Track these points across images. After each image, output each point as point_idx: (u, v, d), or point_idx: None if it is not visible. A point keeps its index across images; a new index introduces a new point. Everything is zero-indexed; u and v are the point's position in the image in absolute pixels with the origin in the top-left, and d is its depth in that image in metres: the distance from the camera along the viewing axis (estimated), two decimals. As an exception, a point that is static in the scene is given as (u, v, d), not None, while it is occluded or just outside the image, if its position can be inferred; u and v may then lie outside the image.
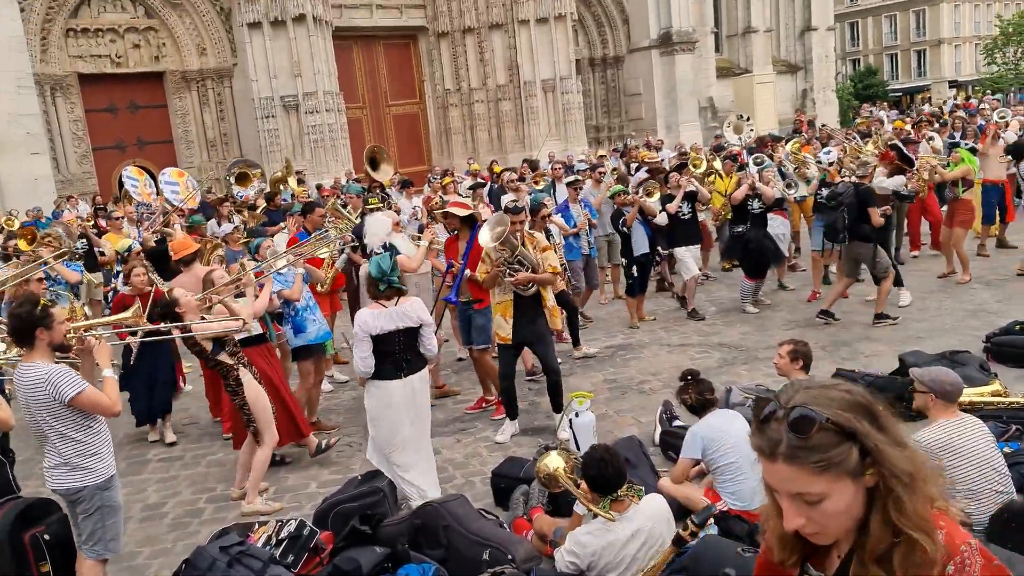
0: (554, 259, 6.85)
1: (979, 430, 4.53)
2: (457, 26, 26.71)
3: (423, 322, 5.44)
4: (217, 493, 6.28)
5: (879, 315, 9.04)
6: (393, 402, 5.41)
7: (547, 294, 6.77)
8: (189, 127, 23.83)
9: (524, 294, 6.59)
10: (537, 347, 6.88)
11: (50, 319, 4.11)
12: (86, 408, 4.09)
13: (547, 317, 6.77)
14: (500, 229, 6.42)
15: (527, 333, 6.69)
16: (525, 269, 6.52)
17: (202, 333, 5.64)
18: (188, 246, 7.68)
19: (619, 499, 4.21)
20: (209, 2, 22.85)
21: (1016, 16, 50.89)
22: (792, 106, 36.13)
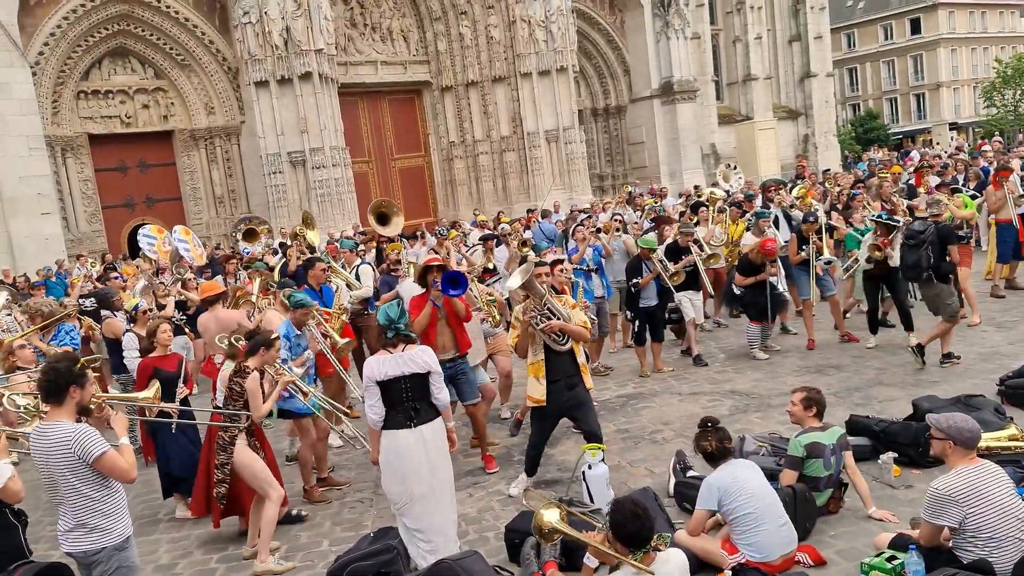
0: (583, 316, 6.65)
1: (999, 476, 4.48)
2: (460, 80, 27.16)
3: (431, 369, 5.28)
4: (230, 552, 6.22)
5: (946, 355, 8.88)
6: (403, 453, 5.24)
7: (579, 350, 6.56)
8: (197, 184, 24.13)
9: (557, 348, 6.34)
10: (576, 413, 6.59)
11: (85, 379, 4.14)
12: (106, 470, 4.09)
13: (584, 381, 6.56)
14: (525, 275, 6.33)
15: (566, 399, 6.42)
16: (556, 319, 6.35)
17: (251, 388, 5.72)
18: (214, 288, 8.25)
19: (648, 551, 4.17)
20: (217, 63, 23.30)
21: (1014, 59, 51.53)
22: (794, 151, 36.42)
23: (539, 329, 6.29)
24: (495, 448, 7.93)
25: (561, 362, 6.39)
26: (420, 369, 5.23)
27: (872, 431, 6.62)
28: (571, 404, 6.48)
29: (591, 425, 6.57)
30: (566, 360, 6.42)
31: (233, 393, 5.76)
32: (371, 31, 26.40)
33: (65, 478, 4.06)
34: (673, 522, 5.56)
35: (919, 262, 8.76)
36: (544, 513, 4.59)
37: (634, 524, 4.08)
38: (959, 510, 4.34)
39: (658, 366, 10.12)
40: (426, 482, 5.26)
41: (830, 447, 5.54)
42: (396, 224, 11.08)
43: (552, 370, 6.38)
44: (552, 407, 6.44)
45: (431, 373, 5.28)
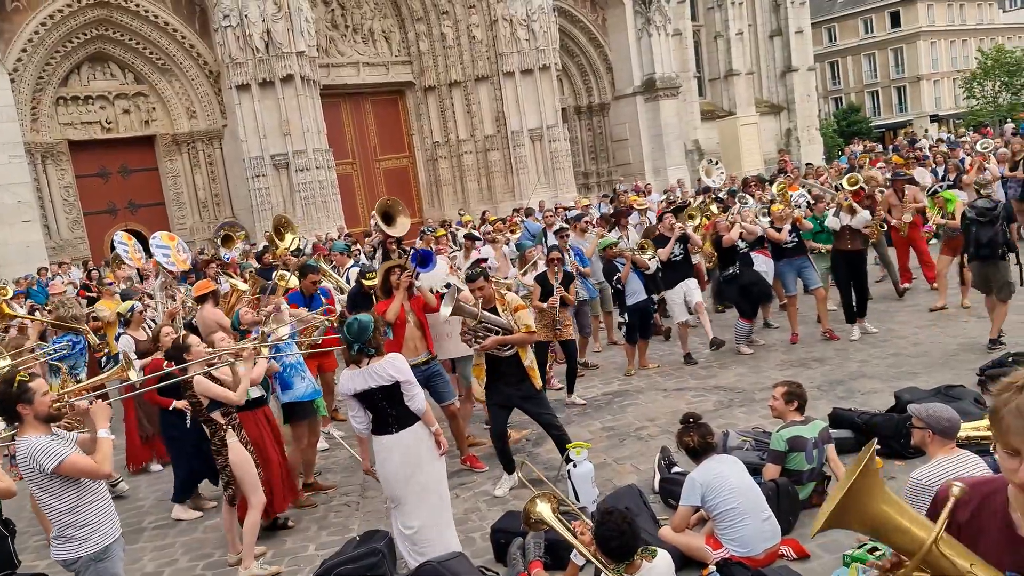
0: (528, 318, 6.73)
1: (978, 467, 4.51)
2: (443, 80, 27.13)
3: (397, 380, 5.21)
4: (215, 559, 6.19)
5: (994, 340, 8.83)
6: (389, 457, 5.30)
7: (524, 354, 6.64)
8: (180, 189, 24.01)
9: (500, 356, 6.54)
10: (527, 406, 6.74)
11: (29, 393, 4.09)
12: (72, 475, 4.07)
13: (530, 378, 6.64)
14: (449, 306, 6.41)
15: (512, 393, 6.62)
16: (494, 333, 6.49)
17: (202, 390, 5.65)
18: (206, 286, 8.34)
19: (632, 563, 4.18)
20: (198, 66, 23.18)
21: (994, 50, 51.91)
22: (777, 145, 36.59)
23: (475, 350, 6.52)
24: (481, 449, 7.94)
25: (505, 366, 6.56)
26: (385, 382, 5.17)
27: (855, 423, 6.67)
28: (519, 396, 6.64)
29: (546, 417, 6.70)
30: (510, 364, 6.56)
31: (195, 406, 5.73)
32: (352, 32, 26.34)
33: (36, 492, 4.10)
34: (658, 518, 5.58)
35: (995, 238, 8.63)
36: (537, 502, 4.72)
37: (619, 540, 4.10)
38: (939, 500, 4.38)
39: (644, 363, 10.12)
40: (410, 485, 5.28)
41: (812, 440, 5.58)
42: (402, 224, 10.78)
43: (493, 372, 6.61)
44: (496, 398, 6.66)
45: (399, 383, 5.21)
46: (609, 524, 4.15)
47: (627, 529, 4.11)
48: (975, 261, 8.82)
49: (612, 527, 4.12)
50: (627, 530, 4.11)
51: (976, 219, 8.71)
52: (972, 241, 8.73)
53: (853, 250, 9.93)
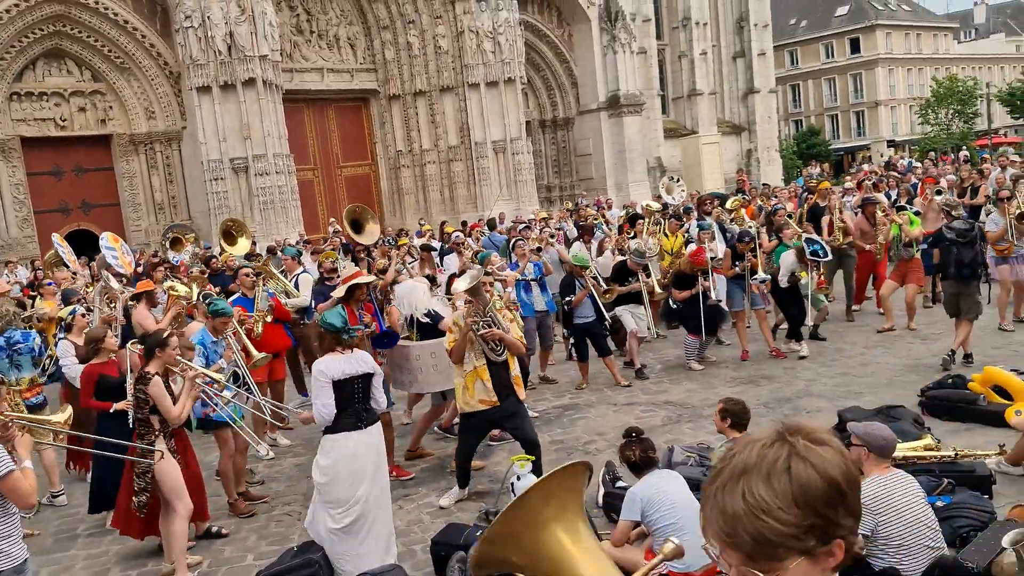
0: (519, 331, 6.81)
1: (910, 485, 4.58)
2: (408, 89, 27.10)
3: (375, 370, 5.56)
4: (148, 569, 6.05)
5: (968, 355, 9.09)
6: (358, 453, 5.32)
7: (513, 363, 6.61)
8: (136, 190, 23.61)
9: (495, 358, 6.40)
10: (510, 424, 6.65)
11: None
12: (6, 492, 3.93)
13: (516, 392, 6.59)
14: (475, 281, 6.37)
15: (500, 411, 6.45)
16: (497, 327, 6.40)
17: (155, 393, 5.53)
18: (145, 285, 8.57)
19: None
20: (158, 66, 22.87)
21: (947, 79, 53.26)
22: (737, 165, 37.09)
23: (479, 335, 6.32)
24: (430, 459, 7.89)
25: (498, 372, 6.45)
26: (370, 369, 5.47)
27: (797, 441, 6.73)
28: (505, 412, 6.51)
29: (527, 432, 6.62)
30: (502, 371, 6.47)
31: (139, 401, 5.61)
32: (317, 38, 26.20)
33: None
34: (599, 533, 5.57)
35: (976, 259, 8.89)
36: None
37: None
38: (871, 518, 4.43)
39: (617, 380, 9.92)
40: (374, 484, 5.42)
41: (753, 457, 5.60)
42: (371, 232, 10.58)
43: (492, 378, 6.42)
44: (483, 417, 6.47)
45: (375, 375, 5.52)
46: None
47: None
48: (951, 280, 8.99)
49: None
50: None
51: (956, 240, 8.92)
52: (953, 262, 8.90)
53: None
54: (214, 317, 6.95)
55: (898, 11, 65.02)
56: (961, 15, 77.46)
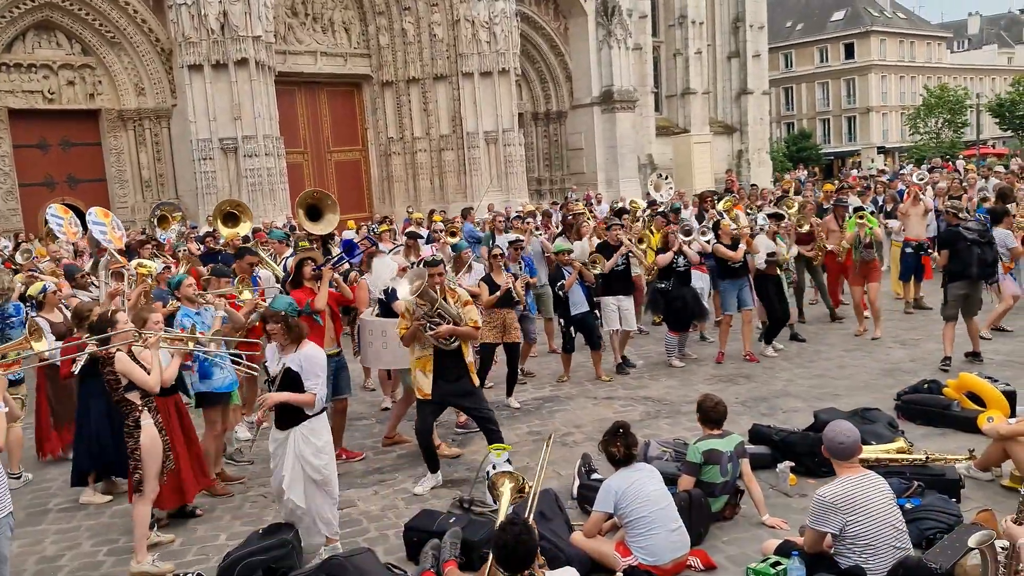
0: (475, 314, 6.81)
1: (879, 486, 4.64)
2: (401, 76, 26.98)
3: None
4: (119, 545, 6.04)
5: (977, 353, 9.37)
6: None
7: (467, 349, 6.72)
8: (124, 167, 23.42)
9: (446, 348, 6.52)
10: (465, 403, 6.82)
11: None
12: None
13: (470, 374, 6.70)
14: (419, 283, 6.40)
15: (451, 390, 6.62)
16: (446, 323, 6.50)
17: (121, 368, 5.49)
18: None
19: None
20: (149, 42, 22.66)
21: (937, 88, 53.55)
22: (728, 165, 37.17)
23: (428, 335, 6.41)
24: (407, 446, 7.90)
25: (449, 361, 6.53)
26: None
27: (772, 440, 6.80)
28: (458, 392, 6.64)
29: (483, 411, 6.75)
30: (453, 358, 6.54)
31: (111, 383, 5.57)
32: (312, 21, 26.02)
33: None
34: (572, 523, 5.61)
35: (996, 257, 9.12)
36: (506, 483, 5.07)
37: (504, 552, 4.07)
38: (840, 517, 4.49)
39: (599, 374, 9.99)
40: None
41: (728, 454, 5.66)
42: (329, 221, 10.29)
43: (440, 367, 6.53)
44: (436, 395, 6.59)
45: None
46: (507, 531, 4.12)
47: (521, 538, 4.06)
48: (965, 281, 9.03)
49: (509, 533, 4.09)
50: (520, 539, 4.05)
51: (978, 240, 8.99)
52: (976, 261, 8.96)
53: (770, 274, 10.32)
54: (175, 289, 7.01)
55: (893, 18, 65.30)
56: (955, 25, 77.82)
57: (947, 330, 9.25)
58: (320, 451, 5.48)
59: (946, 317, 9.25)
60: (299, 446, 5.42)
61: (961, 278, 9.07)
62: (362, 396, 9.89)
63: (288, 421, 5.46)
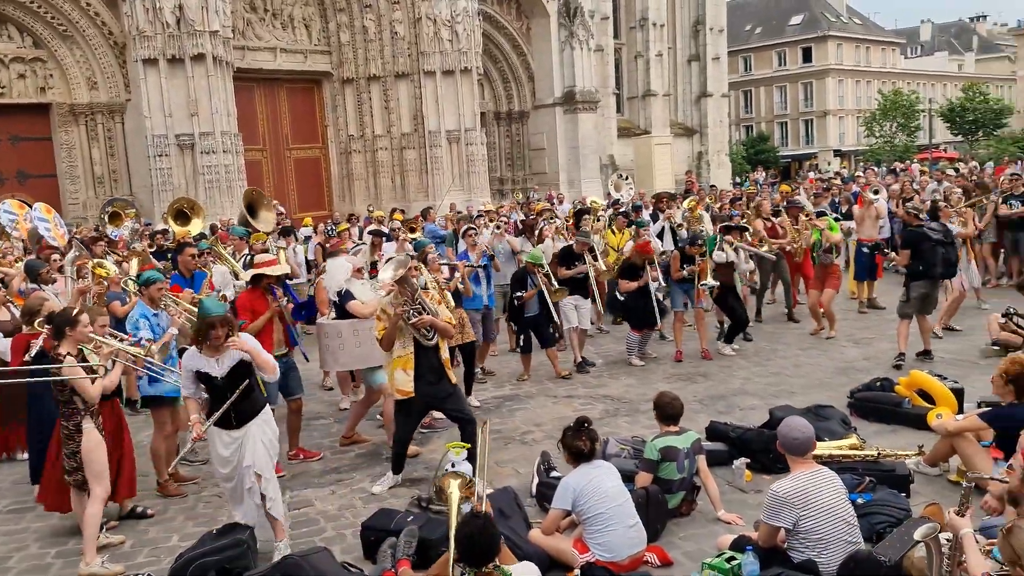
0: (448, 313, 6.79)
1: (832, 481, 4.72)
2: (362, 73, 26.79)
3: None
4: (68, 547, 5.90)
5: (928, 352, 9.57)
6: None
7: (444, 347, 6.64)
8: (75, 162, 22.91)
9: (425, 343, 6.40)
10: (447, 405, 6.73)
11: None
12: None
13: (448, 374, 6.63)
14: (401, 269, 6.35)
15: (434, 392, 6.50)
16: (426, 313, 6.39)
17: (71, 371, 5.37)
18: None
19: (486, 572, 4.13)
20: (102, 36, 22.21)
21: (892, 93, 54.65)
22: (689, 167, 37.57)
23: (410, 324, 6.29)
24: (365, 446, 7.85)
25: (428, 357, 6.43)
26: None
27: (729, 437, 6.87)
28: (440, 394, 6.55)
29: (465, 412, 6.70)
30: (432, 355, 6.45)
31: (57, 384, 5.44)
32: (272, 17, 25.74)
33: None
34: (531, 521, 5.61)
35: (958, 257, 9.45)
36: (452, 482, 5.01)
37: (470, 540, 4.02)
38: (794, 512, 4.55)
39: (558, 371, 10.00)
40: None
41: (684, 451, 5.71)
42: (265, 218, 10.65)
43: (420, 365, 6.41)
44: (420, 395, 6.47)
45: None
46: (469, 524, 4.10)
47: (482, 531, 4.03)
48: (927, 280, 9.25)
49: (470, 526, 4.08)
50: (480, 532, 4.03)
51: (942, 240, 9.25)
52: (941, 261, 9.21)
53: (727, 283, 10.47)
54: (144, 287, 6.87)
55: (850, 23, 66.48)
56: (908, 32, 79.54)
57: (902, 327, 9.45)
58: (275, 433, 5.63)
59: (903, 315, 9.44)
60: (264, 433, 5.51)
61: (924, 277, 9.28)
62: (320, 396, 9.81)
63: (248, 415, 5.46)
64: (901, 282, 9.67)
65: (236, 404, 5.40)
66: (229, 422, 5.44)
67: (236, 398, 5.37)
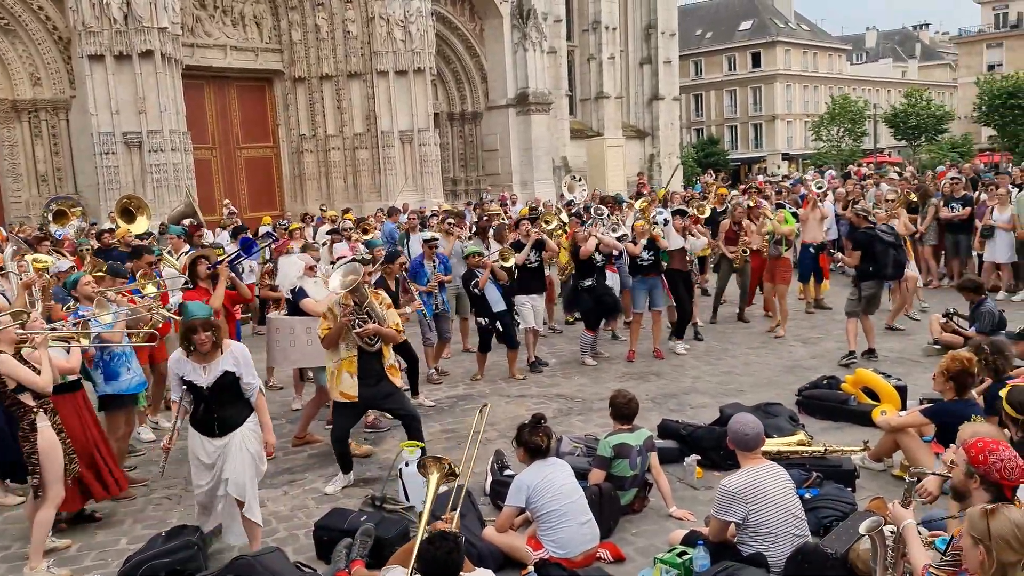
0: (397, 317, 6.79)
1: (780, 476, 4.83)
2: (315, 72, 26.53)
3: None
4: (12, 552, 5.76)
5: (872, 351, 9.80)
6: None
7: (388, 352, 6.67)
8: (17, 159, 22.26)
9: (369, 349, 6.43)
10: (388, 405, 6.78)
11: None
12: None
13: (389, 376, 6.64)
14: (352, 277, 6.31)
15: (373, 394, 6.53)
16: (372, 322, 6.42)
17: (6, 370, 5.23)
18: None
19: None
20: (46, 30, 21.64)
21: (840, 99, 55.87)
22: (640, 169, 37.92)
23: (355, 332, 6.29)
24: (318, 445, 7.79)
25: (371, 362, 6.46)
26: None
27: (680, 435, 6.98)
28: (379, 395, 6.57)
29: (407, 409, 6.76)
30: (375, 360, 6.48)
31: (1, 386, 5.30)
32: (222, 14, 25.34)
33: None
34: (484, 519, 5.64)
35: (898, 259, 9.60)
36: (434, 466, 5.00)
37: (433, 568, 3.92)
38: (743, 506, 4.65)
39: (512, 373, 10.03)
40: None
41: (637, 448, 5.79)
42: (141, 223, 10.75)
43: (362, 369, 6.43)
44: (362, 399, 6.50)
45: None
46: (438, 547, 3.92)
47: (451, 560, 3.92)
48: (876, 280, 9.58)
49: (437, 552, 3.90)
50: (450, 560, 3.91)
51: (893, 243, 9.54)
52: (892, 263, 9.51)
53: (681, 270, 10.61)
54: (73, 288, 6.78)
55: (797, 30, 67.82)
56: (854, 38, 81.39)
57: (850, 326, 9.69)
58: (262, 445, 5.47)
59: (851, 314, 9.69)
60: (250, 443, 5.32)
61: (874, 277, 9.56)
62: (271, 396, 9.67)
63: (232, 424, 5.28)
64: (847, 283, 9.92)
65: (219, 411, 5.26)
66: (212, 430, 5.26)
67: (216, 406, 5.24)
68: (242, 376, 5.26)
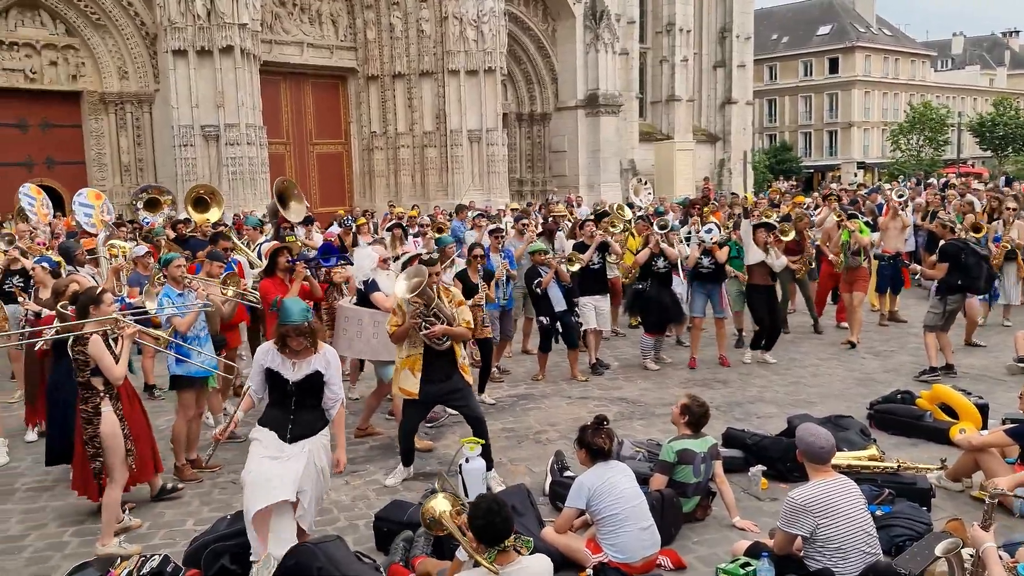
0: (468, 314, 6.70)
1: (851, 491, 4.67)
2: (387, 71, 26.91)
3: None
4: (85, 526, 5.95)
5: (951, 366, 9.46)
6: None
7: (460, 350, 6.63)
8: (103, 150, 23.16)
9: (438, 348, 6.41)
10: (454, 401, 6.71)
11: None
12: None
13: (461, 372, 6.61)
14: (417, 280, 6.30)
15: (440, 390, 6.50)
16: (440, 322, 6.40)
17: (95, 351, 5.39)
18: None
19: (505, 550, 4.13)
20: (134, 26, 22.45)
21: (920, 106, 54.13)
22: (711, 173, 37.42)
23: (421, 334, 6.30)
24: (379, 438, 7.86)
25: (440, 361, 6.44)
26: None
27: (745, 444, 6.82)
28: (446, 391, 6.54)
29: (474, 410, 6.65)
30: (445, 359, 6.46)
31: (79, 363, 5.46)
32: (300, 12, 25.94)
33: None
34: (543, 520, 5.59)
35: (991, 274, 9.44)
36: (435, 504, 4.62)
37: (485, 517, 4.02)
38: (812, 520, 4.51)
39: (574, 374, 9.94)
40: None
41: (701, 455, 5.67)
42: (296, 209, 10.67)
43: (430, 367, 6.42)
44: (424, 395, 6.49)
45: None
46: (479, 505, 4.10)
47: (495, 508, 4.05)
48: (962, 294, 9.28)
49: (481, 507, 4.07)
50: (495, 508, 4.04)
51: (984, 256, 9.35)
52: (985, 276, 9.25)
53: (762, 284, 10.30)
54: (165, 267, 6.93)
55: (879, 35, 65.99)
56: (939, 44, 78.79)
57: (930, 340, 9.33)
58: (331, 463, 5.20)
59: (931, 328, 9.32)
60: (320, 459, 5.07)
61: (961, 291, 9.20)
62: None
63: (305, 432, 5.03)
64: (922, 296, 9.57)
65: (297, 414, 5.03)
66: (284, 432, 4.99)
67: (296, 406, 5.04)
68: (329, 381, 5.09)
